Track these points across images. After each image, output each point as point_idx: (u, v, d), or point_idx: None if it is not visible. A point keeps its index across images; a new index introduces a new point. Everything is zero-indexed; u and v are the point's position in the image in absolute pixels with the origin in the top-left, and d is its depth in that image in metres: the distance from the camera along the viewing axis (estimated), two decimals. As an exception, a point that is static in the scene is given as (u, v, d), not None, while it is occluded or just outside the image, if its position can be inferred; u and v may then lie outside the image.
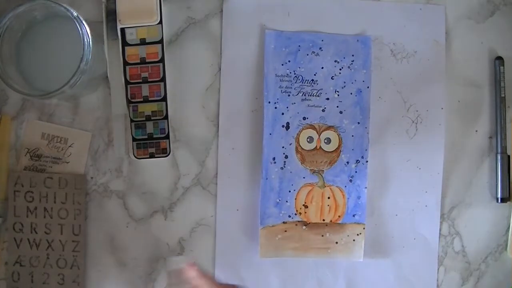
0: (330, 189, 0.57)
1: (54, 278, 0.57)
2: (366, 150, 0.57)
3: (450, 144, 0.58)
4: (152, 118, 0.56)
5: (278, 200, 0.57)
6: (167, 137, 0.57)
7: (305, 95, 0.57)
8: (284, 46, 0.57)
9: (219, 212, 0.57)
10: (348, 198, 0.57)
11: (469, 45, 0.59)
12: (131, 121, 0.56)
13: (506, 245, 0.58)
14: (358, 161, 0.57)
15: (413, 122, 0.58)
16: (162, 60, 0.56)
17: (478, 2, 0.59)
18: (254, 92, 0.58)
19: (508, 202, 0.58)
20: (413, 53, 0.58)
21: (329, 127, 0.57)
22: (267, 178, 0.57)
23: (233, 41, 0.58)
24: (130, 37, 0.55)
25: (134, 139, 0.57)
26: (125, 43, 0.55)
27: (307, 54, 0.57)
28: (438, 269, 0.58)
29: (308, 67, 0.57)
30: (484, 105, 0.59)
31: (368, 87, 0.57)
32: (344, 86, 0.57)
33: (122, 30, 0.55)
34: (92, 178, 0.58)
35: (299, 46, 0.57)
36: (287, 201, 0.57)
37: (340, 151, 0.57)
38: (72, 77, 0.49)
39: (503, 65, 0.57)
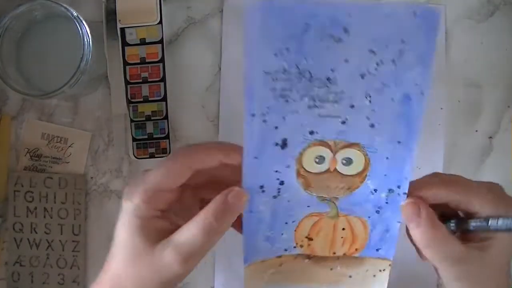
0: (346, 219, 0.42)
1: (54, 278, 0.57)
2: (406, 178, 0.39)
3: (450, 144, 0.58)
4: (152, 118, 0.56)
5: (270, 234, 0.42)
6: (167, 137, 0.57)
7: (314, 100, 0.37)
8: (281, 24, 0.34)
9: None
10: (371, 230, 0.42)
11: (469, 45, 0.59)
12: (131, 121, 0.56)
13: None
14: (391, 191, 0.40)
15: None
16: (162, 60, 0.56)
17: (478, 2, 0.59)
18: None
19: None
20: None
21: (351, 145, 0.39)
22: (251, 211, 0.40)
23: (233, 41, 0.58)
24: (130, 37, 0.55)
25: (134, 139, 0.57)
26: (125, 43, 0.55)
27: (321, 39, 0.35)
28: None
29: (321, 59, 0.35)
30: (484, 105, 0.59)
31: (422, 93, 0.37)
32: (382, 89, 0.37)
33: (122, 30, 0.55)
34: (92, 178, 0.58)
35: (307, 24, 0.34)
36: (283, 234, 0.42)
37: (366, 175, 0.40)
38: (72, 77, 0.49)
39: None
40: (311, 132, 0.38)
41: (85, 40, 0.49)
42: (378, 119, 0.38)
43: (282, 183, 0.40)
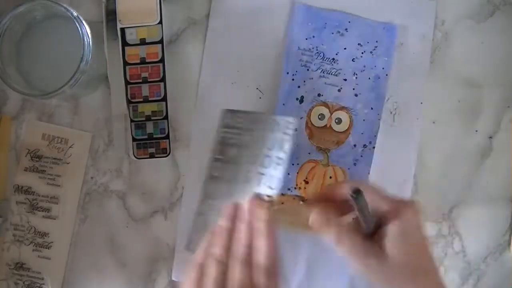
0: (333, 168, 0.57)
1: (54, 278, 0.57)
2: (375, 136, 0.57)
3: (450, 144, 0.58)
4: (152, 118, 0.56)
5: None
6: (167, 137, 0.57)
7: (323, 72, 0.57)
8: (311, 21, 0.57)
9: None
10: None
11: (469, 45, 0.59)
12: (131, 121, 0.56)
13: (508, 244, 0.58)
14: (365, 146, 0.57)
15: (391, 113, 0.58)
16: (162, 60, 0.56)
17: (478, 2, 0.59)
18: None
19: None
20: (399, 45, 0.58)
21: (342, 108, 0.57)
22: None
23: (217, 35, 0.58)
24: (130, 37, 0.55)
25: (134, 139, 0.57)
26: (125, 43, 0.55)
27: (332, 33, 0.57)
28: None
29: (331, 46, 0.57)
30: (484, 105, 0.59)
31: (386, 75, 0.57)
32: (364, 70, 0.57)
33: (122, 30, 0.55)
34: (92, 178, 0.58)
35: (326, 23, 0.57)
36: (289, 174, 0.57)
37: (349, 133, 0.57)
38: (72, 77, 0.49)
39: None
40: (319, 95, 0.57)
41: (85, 40, 0.49)
42: (359, 91, 0.57)
43: (296, 130, 0.51)
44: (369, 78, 0.57)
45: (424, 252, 0.43)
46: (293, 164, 0.57)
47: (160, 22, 0.55)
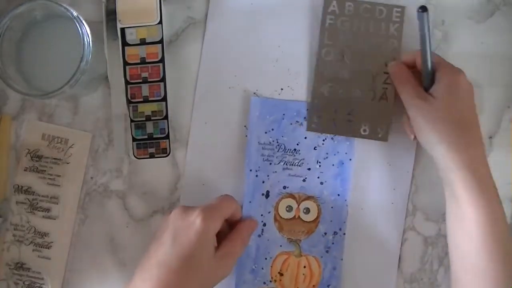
0: (307, 258, 0.57)
1: (54, 278, 0.57)
2: (344, 222, 0.57)
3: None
4: (152, 118, 0.56)
5: (254, 267, 0.56)
6: (167, 137, 0.57)
7: (286, 164, 0.57)
8: (269, 114, 0.57)
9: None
10: (323, 269, 0.57)
11: (469, 45, 0.59)
12: (131, 121, 0.56)
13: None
14: (335, 233, 0.57)
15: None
16: (162, 60, 0.56)
17: (478, 2, 0.59)
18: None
19: None
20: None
21: (309, 197, 0.57)
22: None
23: (215, 35, 0.58)
24: (130, 37, 0.55)
25: (134, 139, 0.57)
26: (125, 43, 0.55)
27: (291, 123, 0.57)
28: (438, 269, 0.58)
29: (291, 136, 0.57)
30: (484, 105, 0.59)
31: (350, 159, 0.57)
32: (327, 157, 0.57)
33: (122, 30, 0.55)
34: (92, 178, 0.58)
35: (284, 114, 0.57)
36: (262, 268, 0.57)
37: (318, 221, 0.57)
38: (72, 77, 0.49)
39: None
40: (284, 187, 0.57)
41: (85, 40, 0.49)
42: (324, 178, 0.57)
43: (264, 224, 0.57)
44: (333, 165, 0.57)
45: (469, 109, 0.49)
46: (266, 259, 0.56)
47: (160, 22, 0.55)
